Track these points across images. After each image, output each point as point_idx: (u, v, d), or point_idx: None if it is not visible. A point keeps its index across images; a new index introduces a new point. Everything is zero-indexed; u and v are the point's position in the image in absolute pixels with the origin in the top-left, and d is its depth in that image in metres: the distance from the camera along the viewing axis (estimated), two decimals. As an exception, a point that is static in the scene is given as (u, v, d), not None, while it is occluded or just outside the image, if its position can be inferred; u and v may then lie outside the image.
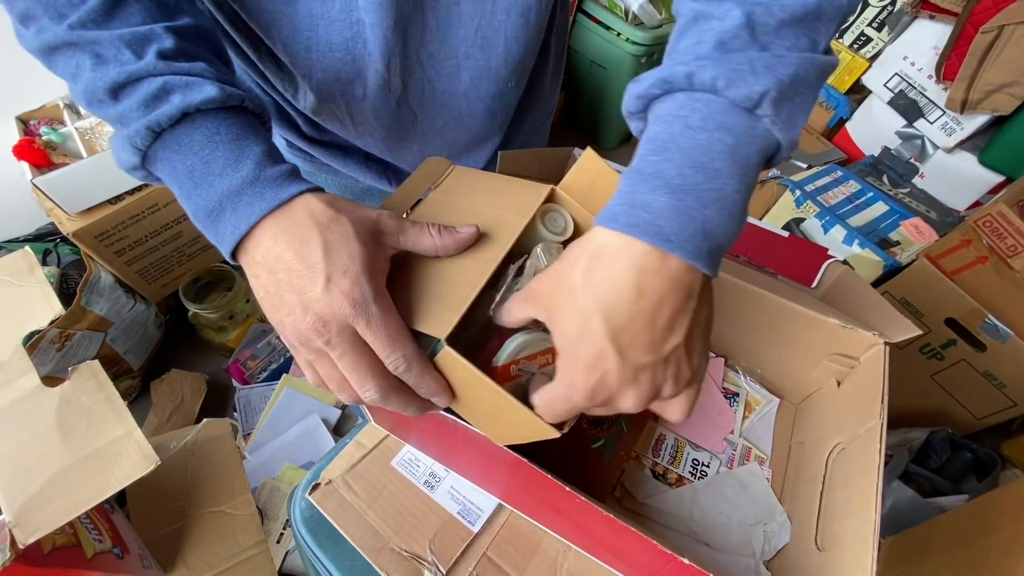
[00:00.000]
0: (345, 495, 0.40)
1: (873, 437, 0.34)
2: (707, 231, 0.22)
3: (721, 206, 0.22)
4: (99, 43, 0.26)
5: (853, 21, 1.23)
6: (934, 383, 0.93)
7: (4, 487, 0.49)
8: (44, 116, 1.01)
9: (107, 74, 0.26)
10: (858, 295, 0.44)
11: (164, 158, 0.27)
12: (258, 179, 0.26)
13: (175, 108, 0.26)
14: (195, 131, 0.26)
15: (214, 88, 0.26)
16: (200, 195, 0.26)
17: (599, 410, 0.25)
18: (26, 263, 0.65)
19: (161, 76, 0.26)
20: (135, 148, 0.26)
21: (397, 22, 0.37)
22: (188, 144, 0.26)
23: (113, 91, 0.26)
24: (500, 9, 0.39)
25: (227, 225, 0.26)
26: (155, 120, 0.26)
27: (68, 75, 0.28)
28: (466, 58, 0.42)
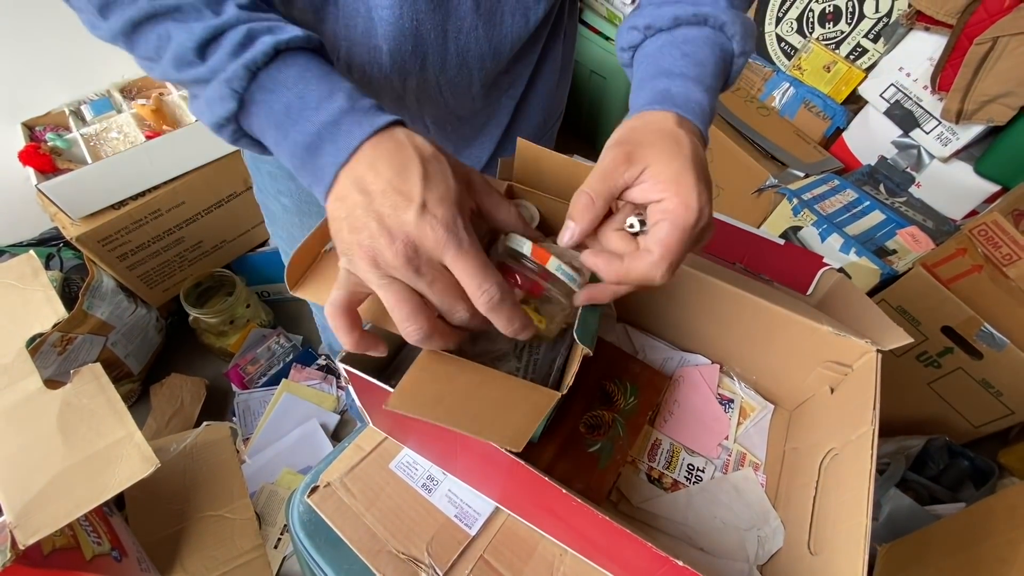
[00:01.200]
0: (343, 498, 0.40)
1: (865, 443, 0.35)
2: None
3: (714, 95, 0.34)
4: (180, 8, 0.27)
5: (849, 32, 1.24)
6: (931, 391, 0.93)
7: (5, 488, 0.49)
8: (50, 122, 1.02)
9: (193, 33, 0.27)
10: (852, 303, 0.44)
11: (259, 100, 0.27)
12: (353, 108, 0.27)
13: (267, 45, 0.26)
14: (287, 68, 0.27)
15: (296, 28, 0.28)
16: (299, 130, 0.27)
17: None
18: (30, 267, 0.66)
19: (245, 24, 0.27)
20: (233, 92, 0.27)
21: (416, 47, 0.38)
22: (282, 81, 0.27)
23: (200, 48, 0.27)
24: (507, 15, 0.41)
25: (327, 156, 0.26)
26: (251, 59, 0.26)
27: (152, 50, 0.28)
28: (479, 70, 0.43)
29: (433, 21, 0.37)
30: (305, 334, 1.29)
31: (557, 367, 0.37)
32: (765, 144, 1.28)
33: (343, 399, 1.17)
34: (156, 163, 0.95)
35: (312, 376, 1.20)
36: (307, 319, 1.32)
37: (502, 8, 0.40)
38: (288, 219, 0.58)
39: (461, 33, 0.39)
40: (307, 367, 1.21)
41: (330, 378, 1.20)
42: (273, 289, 1.32)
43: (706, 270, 0.42)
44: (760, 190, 1.23)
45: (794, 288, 0.48)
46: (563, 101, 0.59)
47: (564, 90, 0.58)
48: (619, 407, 0.44)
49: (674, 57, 0.33)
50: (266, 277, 1.28)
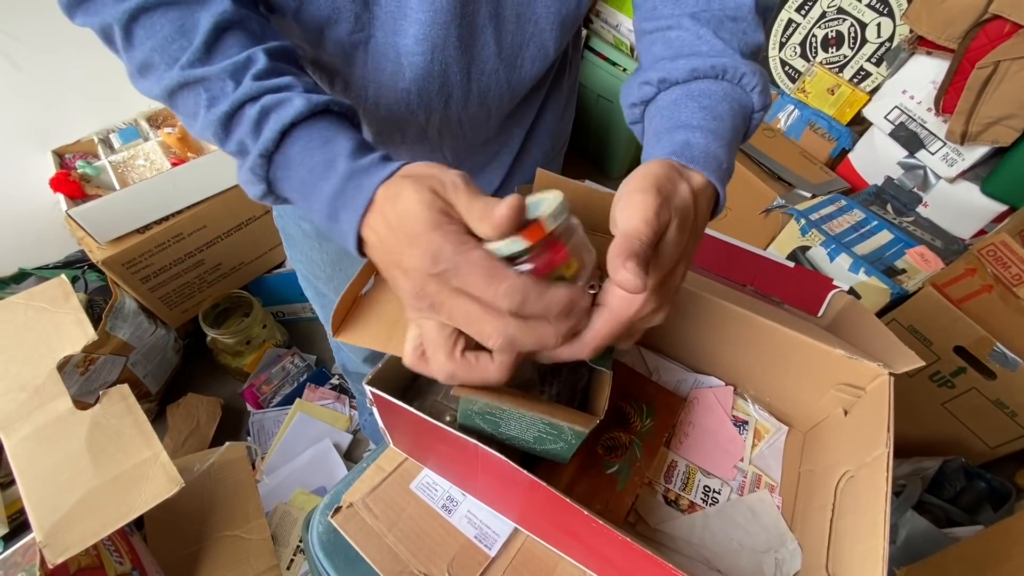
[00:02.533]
0: (366, 518, 0.41)
1: (880, 465, 0.35)
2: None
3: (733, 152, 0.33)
4: (208, 79, 0.29)
5: (852, 57, 1.27)
6: (945, 411, 0.93)
7: (35, 508, 0.51)
8: (79, 150, 1.06)
9: (220, 109, 0.29)
10: (863, 325, 0.45)
11: (282, 177, 0.30)
12: (353, 173, 0.28)
13: (273, 131, 0.28)
14: (293, 145, 0.29)
15: (300, 100, 0.29)
16: (317, 201, 0.29)
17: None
18: (61, 290, 0.69)
19: (258, 100, 0.29)
20: (260, 178, 0.29)
21: (442, 88, 0.41)
22: (292, 159, 0.29)
23: (225, 124, 0.29)
24: (527, 60, 0.43)
25: (345, 222, 0.28)
26: (263, 146, 0.28)
27: (190, 114, 0.31)
28: (497, 107, 0.45)
29: (459, 64, 0.40)
30: (319, 353, 1.31)
31: (580, 389, 0.38)
32: (772, 165, 1.30)
33: (355, 419, 1.18)
34: (180, 189, 0.98)
35: (325, 396, 1.21)
36: (321, 338, 1.34)
37: (522, 54, 0.42)
38: (307, 243, 0.60)
39: (484, 75, 0.42)
40: (320, 387, 1.23)
41: (343, 398, 1.21)
42: (288, 310, 1.34)
43: (718, 293, 0.43)
44: (768, 210, 1.24)
45: (804, 310, 0.49)
46: (569, 126, 0.62)
47: (570, 117, 0.60)
48: (636, 429, 0.45)
49: (692, 110, 0.32)
50: (282, 298, 1.30)
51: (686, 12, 0.35)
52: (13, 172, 1.03)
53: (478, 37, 0.39)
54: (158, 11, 0.29)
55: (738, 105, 0.33)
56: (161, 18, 0.29)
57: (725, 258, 0.52)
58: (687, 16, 0.35)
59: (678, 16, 0.35)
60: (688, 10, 0.35)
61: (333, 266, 0.60)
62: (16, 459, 0.54)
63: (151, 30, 0.30)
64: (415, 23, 0.36)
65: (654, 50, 0.37)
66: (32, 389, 0.59)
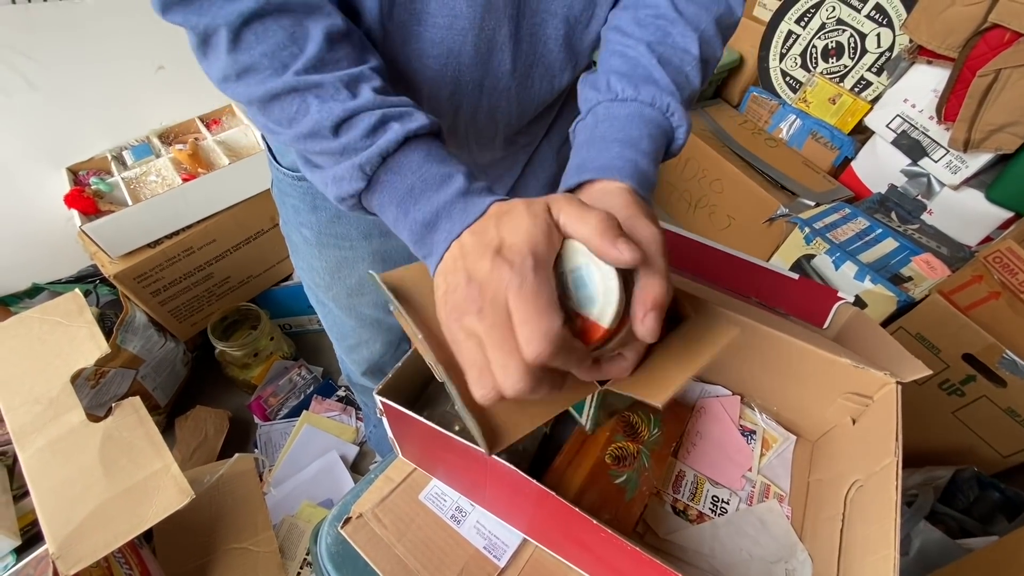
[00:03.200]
0: (375, 529, 0.41)
1: (889, 474, 0.35)
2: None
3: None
4: (322, 85, 0.30)
5: (852, 66, 1.28)
6: (956, 420, 0.92)
7: (48, 519, 0.51)
8: (93, 167, 1.09)
9: (332, 111, 0.30)
10: (869, 335, 0.45)
11: (386, 180, 0.31)
12: (468, 191, 0.30)
13: (398, 134, 0.30)
14: (413, 153, 0.30)
15: (424, 117, 0.31)
16: (420, 209, 0.30)
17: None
18: (75, 304, 0.70)
19: (379, 109, 0.30)
20: (364, 174, 0.30)
21: (452, 95, 0.41)
22: (407, 165, 0.30)
23: (336, 127, 0.30)
24: (536, 81, 0.44)
25: (442, 232, 0.29)
26: (383, 147, 0.30)
27: (285, 119, 0.31)
28: (505, 124, 0.46)
29: (473, 76, 0.40)
30: (326, 365, 1.32)
31: None
32: (774, 174, 1.31)
33: (362, 431, 1.18)
34: (190, 204, 1.00)
35: (332, 408, 1.21)
36: (327, 350, 1.35)
37: (532, 73, 0.43)
38: (308, 250, 0.61)
39: (496, 91, 0.42)
40: (327, 399, 1.23)
41: (349, 409, 1.22)
42: (295, 322, 1.35)
43: (723, 304, 0.44)
44: (771, 219, 1.24)
45: (809, 322, 0.49)
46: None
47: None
48: (643, 438, 0.45)
49: (640, 132, 0.35)
50: (289, 310, 1.32)
51: (643, 40, 0.38)
52: (29, 189, 1.05)
53: (495, 53, 0.40)
54: (271, 17, 0.30)
55: (664, 137, 0.37)
56: (274, 24, 0.30)
57: (728, 270, 0.52)
58: (644, 43, 0.37)
59: (636, 42, 0.38)
60: (646, 39, 0.38)
61: (332, 275, 0.61)
62: (30, 471, 0.54)
63: (263, 35, 0.30)
64: (432, 27, 0.37)
65: (612, 61, 0.38)
66: (47, 402, 0.60)
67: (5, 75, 0.94)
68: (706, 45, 0.39)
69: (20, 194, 1.05)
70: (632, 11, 0.39)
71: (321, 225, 0.56)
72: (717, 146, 1.39)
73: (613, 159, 0.33)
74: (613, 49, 0.39)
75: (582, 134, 0.37)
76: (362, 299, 0.63)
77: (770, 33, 1.40)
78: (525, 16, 0.39)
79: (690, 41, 0.38)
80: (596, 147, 0.34)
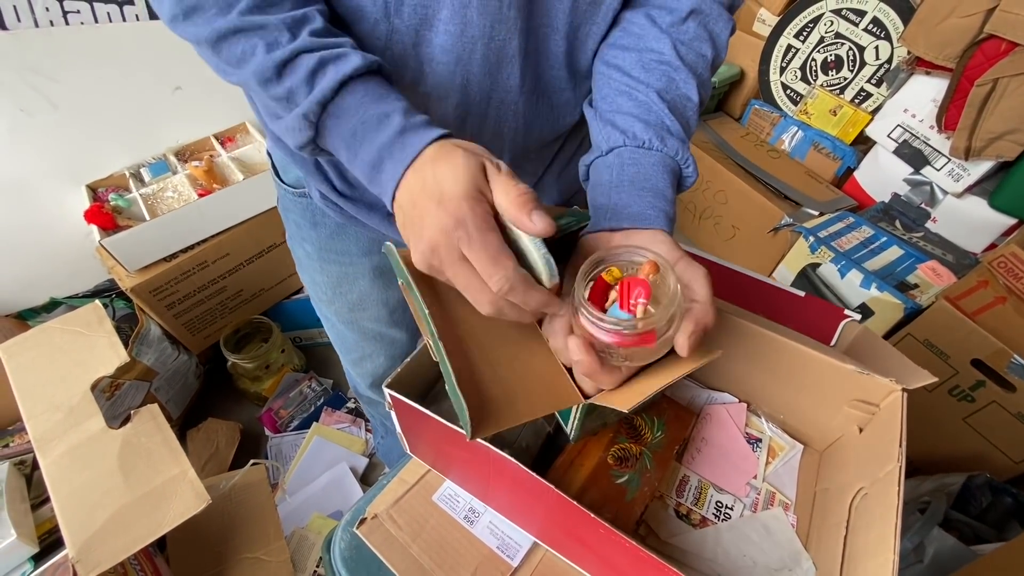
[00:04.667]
0: (390, 529, 0.42)
1: (892, 479, 0.35)
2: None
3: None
4: (266, 27, 0.31)
5: (852, 78, 1.30)
6: (967, 426, 0.91)
7: (68, 524, 0.52)
8: (112, 184, 1.12)
9: (274, 55, 0.31)
10: (876, 350, 0.45)
11: (331, 126, 0.32)
12: (405, 129, 0.31)
13: (333, 81, 0.31)
14: (350, 95, 0.32)
15: (358, 57, 0.32)
16: (364, 151, 0.31)
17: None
18: (95, 315, 0.72)
19: (317, 52, 0.31)
20: (310, 123, 0.32)
21: (459, 104, 0.42)
22: (346, 109, 0.32)
23: (279, 69, 0.31)
24: (543, 103, 0.45)
25: (387, 173, 0.31)
26: (320, 95, 0.31)
27: (234, 60, 0.32)
28: (510, 141, 0.47)
29: (481, 86, 0.41)
30: (335, 377, 1.33)
31: None
32: (778, 185, 1.32)
33: (371, 442, 1.19)
34: (205, 218, 1.03)
35: (342, 420, 1.22)
36: (337, 363, 1.36)
37: (538, 93, 0.44)
38: (311, 265, 0.62)
39: (503, 104, 0.43)
40: (337, 410, 1.24)
41: (359, 421, 1.22)
42: (306, 335, 1.37)
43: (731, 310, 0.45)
44: (776, 229, 1.26)
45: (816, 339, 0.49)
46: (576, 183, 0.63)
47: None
48: (646, 440, 0.46)
49: (664, 181, 0.38)
50: (300, 323, 1.33)
51: (652, 87, 0.40)
52: (50, 205, 1.09)
53: (504, 66, 0.40)
54: None
55: (677, 183, 0.40)
56: None
57: (733, 287, 0.52)
58: (654, 91, 0.40)
59: (645, 88, 0.40)
60: (655, 86, 0.40)
61: (333, 289, 0.61)
62: (51, 478, 0.56)
63: None
64: (443, 33, 0.37)
65: (620, 101, 0.41)
66: (67, 409, 0.61)
67: (29, 96, 0.98)
68: (702, 89, 0.42)
69: (41, 210, 1.08)
70: (636, 54, 0.41)
71: (321, 241, 0.57)
72: (721, 158, 1.41)
73: (647, 208, 0.36)
74: (620, 89, 0.41)
75: (606, 174, 0.39)
76: (364, 313, 0.63)
77: (770, 47, 1.43)
78: (532, 31, 0.40)
79: (691, 88, 0.41)
80: (627, 192, 0.37)
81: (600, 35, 0.43)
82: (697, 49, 0.41)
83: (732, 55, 1.53)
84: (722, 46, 0.43)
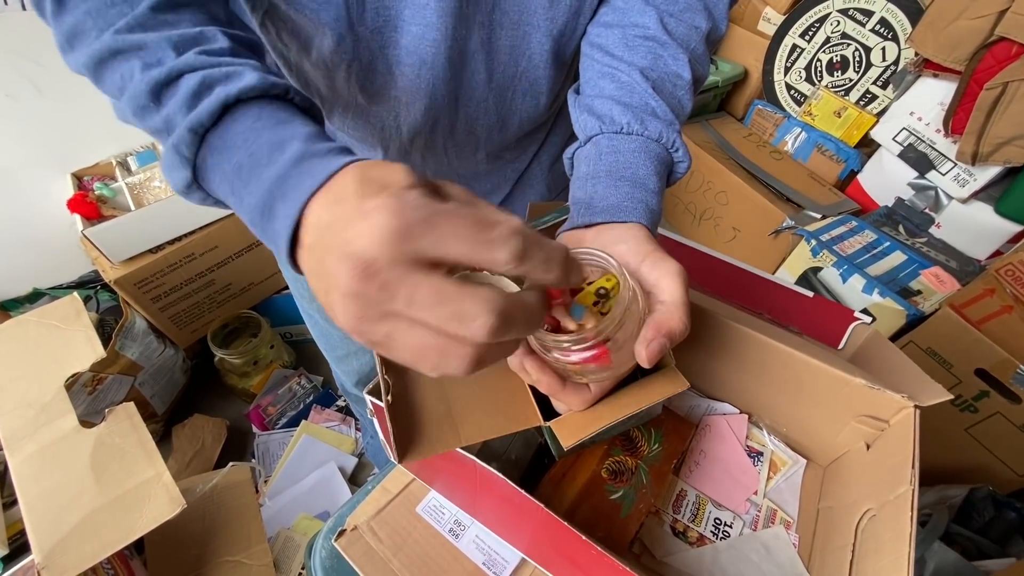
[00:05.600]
0: (370, 542, 0.40)
1: (904, 504, 0.33)
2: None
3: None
4: (145, 46, 0.25)
5: (858, 80, 1.28)
6: (970, 437, 0.89)
7: (35, 528, 0.50)
8: (97, 173, 1.09)
9: (149, 74, 0.24)
10: (886, 358, 0.43)
11: (212, 165, 0.24)
12: (303, 157, 0.22)
13: (212, 104, 0.23)
14: (236, 124, 0.24)
15: (254, 76, 0.24)
16: (250, 192, 0.23)
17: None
18: (73, 308, 0.69)
19: (201, 70, 0.24)
20: (184, 159, 0.24)
21: (428, 108, 0.40)
22: (231, 140, 0.23)
23: (155, 92, 0.24)
24: (518, 95, 0.43)
25: (280, 218, 0.22)
26: (196, 119, 0.23)
27: (115, 89, 0.26)
28: (486, 139, 0.45)
29: (448, 87, 0.39)
30: (325, 375, 1.30)
31: None
32: (780, 187, 1.30)
33: (361, 441, 1.17)
34: (193, 209, 1.00)
35: (331, 418, 1.20)
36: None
37: (514, 87, 0.42)
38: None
39: (472, 102, 0.41)
40: (326, 408, 1.22)
41: (349, 420, 1.20)
42: (296, 330, 1.34)
43: (734, 318, 0.42)
44: (777, 231, 1.23)
45: (824, 342, 0.48)
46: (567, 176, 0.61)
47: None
48: (643, 453, 0.44)
49: (648, 169, 0.34)
50: (290, 319, 1.31)
51: (636, 65, 0.36)
52: (33, 193, 1.06)
53: (468, 62, 0.39)
54: None
55: (666, 171, 0.36)
56: None
57: (740, 285, 0.51)
58: (637, 69, 0.36)
59: (628, 67, 0.36)
60: (638, 64, 0.36)
61: None
62: (20, 478, 0.53)
63: None
64: (407, 35, 0.36)
65: (602, 83, 0.37)
66: (39, 406, 0.59)
67: (14, 80, 0.95)
68: (697, 65, 0.38)
69: (24, 198, 1.05)
70: (619, 30, 0.38)
71: None
72: (722, 158, 1.39)
73: (623, 200, 0.32)
74: (602, 71, 0.37)
75: (584, 165, 0.35)
76: None
77: (774, 47, 1.40)
78: (503, 27, 0.38)
79: (682, 65, 0.37)
80: (603, 183, 0.33)
81: (585, 27, 0.40)
82: (689, 21, 0.37)
83: (735, 54, 1.51)
84: (720, 16, 0.39)
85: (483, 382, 0.34)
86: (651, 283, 0.29)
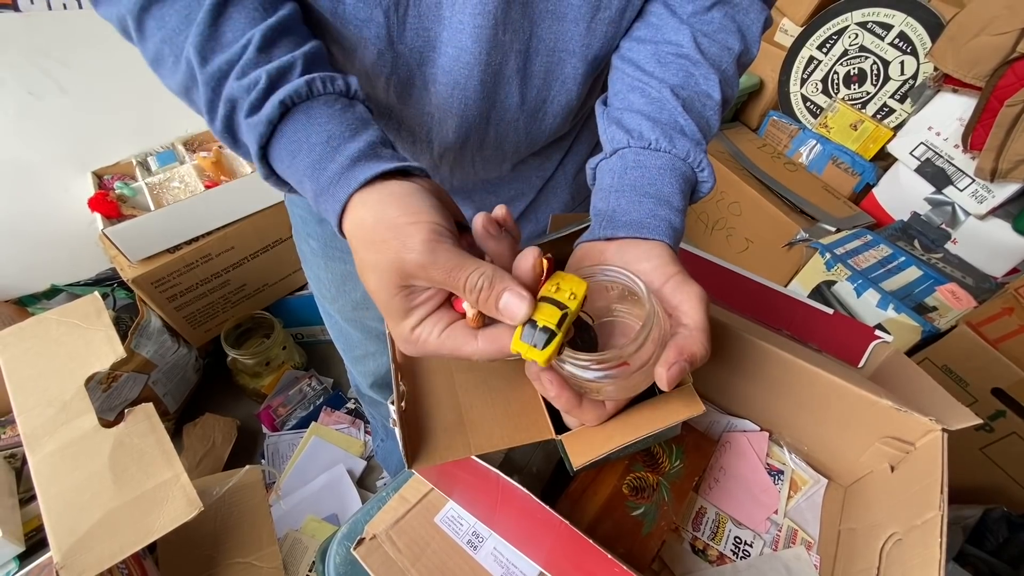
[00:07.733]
0: (389, 551, 0.40)
1: (933, 530, 0.33)
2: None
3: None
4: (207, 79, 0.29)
5: (875, 93, 1.27)
6: (984, 457, 0.88)
7: (54, 527, 0.50)
8: (118, 172, 1.10)
9: (217, 113, 0.29)
10: (909, 378, 0.43)
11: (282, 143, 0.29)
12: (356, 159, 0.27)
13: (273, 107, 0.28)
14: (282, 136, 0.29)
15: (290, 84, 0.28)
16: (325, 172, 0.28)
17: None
18: (94, 307, 0.70)
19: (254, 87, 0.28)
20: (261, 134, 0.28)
21: (459, 126, 0.41)
22: (304, 133, 0.28)
23: (227, 128, 0.29)
24: (548, 116, 0.43)
25: (330, 205, 0.28)
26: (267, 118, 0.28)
27: (200, 112, 0.31)
28: (513, 153, 0.46)
29: (479, 108, 0.40)
30: (336, 376, 1.31)
31: None
32: (794, 199, 1.30)
33: (370, 445, 1.17)
34: (211, 210, 1.01)
35: (341, 420, 1.20)
36: (339, 362, 1.34)
37: (546, 108, 0.42)
38: (315, 261, 0.60)
39: (503, 123, 0.42)
40: (336, 410, 1.22)
41: (358, 422, 1.20)
42: (308, 332, 1.35)
43: (756, 334, 0.42)
44: (791, 243, 1.23)
45: (843, 359, 0.47)
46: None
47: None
48: (664, 470, 0.43)
49: (672, 188, 0.34)
50: (302, 320, 1.31)
51: (667, 82, 0.36)
52: (54, 191, 1.07)
53: (501, 86, 0.39)
54: (167, 1, 0.28)
55: (690, 190, 0.36)
56: (170, 8, 0.28)
57: (758, 300, 0.51)
58: (668, 87, 0.36)
59: (659, 84, 0.36)
60: (670, 81, 0.36)
61: (337, 287, 0.60)
62: (39, 476, 0.54)
63: (161, 21, 0.29)
64: (443, 55, 0.36)
65: (631, 97, 0.37)
66: (60, 405, 0.59)
67: (38, 79, 0.97)
68: (726, 86, 0.38)
69: (45, 196, 1.07)
70: (652, 46, 0.38)
71: (327, 237, 0.56)
72: (736, 169, 1.39)
73: (646, 216, 0.32)
74: (632, 85, 0.37)
75: (608, 177, 0.35)
76: (368, 312, 0.62)
77: (791, 58, 1.40)
78: (539, 54, 0.38)
79: (712, 85, 0.37)
80: (627, 198, 0.33)
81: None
82: (722, 42, 0.37)
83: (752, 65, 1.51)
84: (753, 40, 0.39)
85: (496, 392, 0.34)
86: (673, 305, 0.29)
